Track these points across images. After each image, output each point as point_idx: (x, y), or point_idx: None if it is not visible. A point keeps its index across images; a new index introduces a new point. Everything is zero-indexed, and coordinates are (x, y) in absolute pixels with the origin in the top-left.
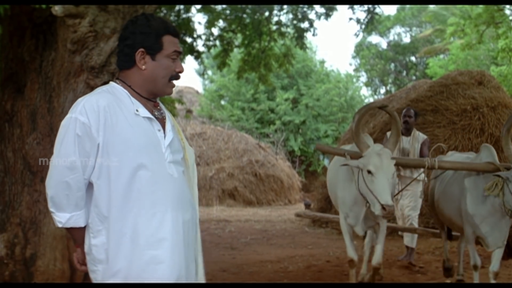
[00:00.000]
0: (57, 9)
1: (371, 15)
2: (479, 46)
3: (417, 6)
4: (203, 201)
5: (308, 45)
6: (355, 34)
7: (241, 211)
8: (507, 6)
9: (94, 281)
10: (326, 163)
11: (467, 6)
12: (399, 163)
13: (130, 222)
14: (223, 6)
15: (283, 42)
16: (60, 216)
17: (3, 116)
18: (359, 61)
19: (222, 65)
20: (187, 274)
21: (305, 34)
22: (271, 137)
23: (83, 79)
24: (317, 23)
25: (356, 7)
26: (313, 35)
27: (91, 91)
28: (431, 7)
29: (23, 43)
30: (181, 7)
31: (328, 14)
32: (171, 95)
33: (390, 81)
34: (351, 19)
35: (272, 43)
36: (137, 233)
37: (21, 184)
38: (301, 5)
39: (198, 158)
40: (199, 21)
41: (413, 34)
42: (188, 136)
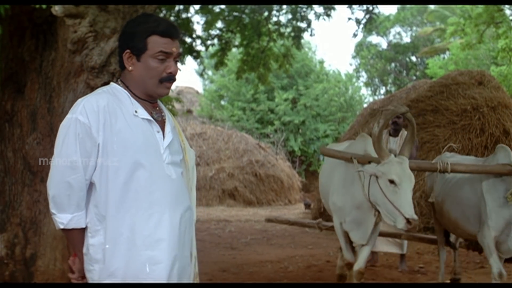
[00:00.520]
0: (57, 9)
1: (369, 15)
2: (479, 46)
3: (417, 6)
4: (203, 201)
5: (307, 45)
6: (353, 34)
7: (241, 211)
8: (507, 6)
9: (90, 280)
10: None
11: (467, 6)
12: (410, 167)
13: (127, 222)
14: (222, 6)
15: (282, 42)
16: (61, 217)
17: (3, 116)
18: (359, 61)
19: (219, 64)
20: (183, 274)
21: (303, 34)
22: (271, 137)
23: (83, 79)
24: (317, 23)
25: (355, 7)
26: (311, 35)
27: (91, 91)
28: (434, 6)
29: (23, 43)
30: (181, 7)
31: (327, 14)
32: (169, 95)
33: (390, 81)
34: (350, 19)
35: (271, 43)
36: (134, 234)
37: (21, 184)
38: (300, 5)
39: (198, 158)
40: (197, 21)
41: (413, 34)
42: (188, 136)
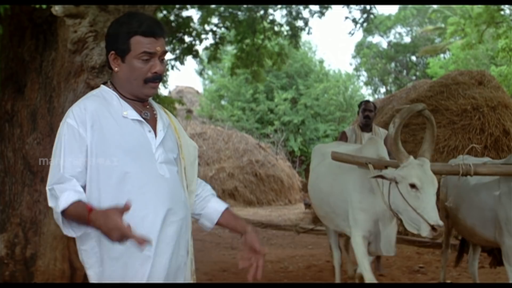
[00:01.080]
0: (57, 9)
1: (367, 14)
2: (479, 46)
3: (418, 6)
4: None
5: (307, 45)
6: (349, 32)
7: (241, 211)
8: (507, 6)
9: (91, 281)
10: None
11: (467, 6)
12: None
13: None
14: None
15: (277, 41)
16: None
17: (3, 116)
18: (359, 60)
19: (212, 59)
20: (179, 273)
21: (300, 33)
22: (271, 137)
23: (84, 79)
24: (317, 23)
25: (352, 6)
26: (308, 34)
27: (91, 91)
28: (437, 6)
29: (23, 43)
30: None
31: (322, 12)
32: (173, 96)
33: (390, 80)
34: (347, 18)
35: (266, 41)
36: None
37: (21, 184)
38: (296, 4)
39: (198, 158)
40: (192, 15)
41: (414, 33)
42: (188, 136)
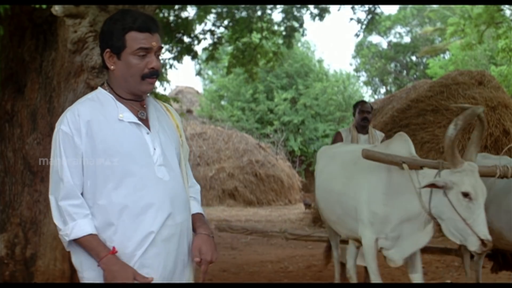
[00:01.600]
0: (57, 9)
1: (371, 15)
2: (479, 46)
3: (418, 6)
4: (203, 201)
5: (306, 45)
6: (355, 34)
7: (241, 211)
8: (506, 6)
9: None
10: None
11: (467, 6)
12: None
13: (119, 230)
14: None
15: (274, 40)
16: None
17: (3, 116)
18: (359, 60)
19: (210, 58)
20: (181, 278)
21: (295, 33)
22: (271, 137)
23: (84, 79)
24: (317, 23)
25: (357, 7)
26: (302, 35)
27: (92, 91)
28: (434, 6)
29: (23, 43)
30: (180, 6)
31: (321, 15)
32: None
33: (390, 81)
34: (351, 19)
35: (263, 41)
36: (126, 240)
37: (21, 184)
38: (295, 6)
39: (198, 158)
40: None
41: (413, 34)
42: (188, 136)
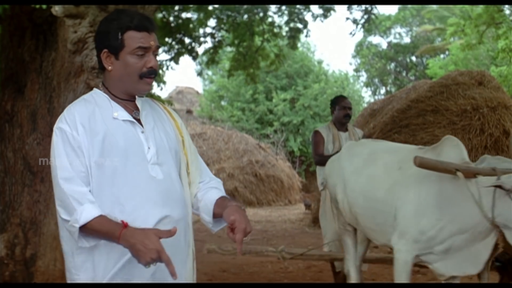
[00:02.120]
0: (57, 10)
1: (368, 15)
2: (479, 46)
3: (418, 6)
4: None
5: (306, 45)
6: (350, 33)
7: None
8: (506, 6)
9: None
10: None
11: (467, 6)
12: None
13: None
14: (215, 5)
15: (276, 42)
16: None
17: (3, 116)
18: (359, 60)
19: (211, 62)
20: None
21: (299, 35)
22: (271, 137)
23: (84, 80)
24: (317, 23)
25: (353, 7)
26: (306, 36)
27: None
28: (433, 6)
29: (23, 43)
30: (181, 7)
31: (325, 15)
32: (173, 97)
33: (390, 81)
34: (347, 18)
35: (265, 43)
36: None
37: (21, 184)
38: (297, 6)
39: None
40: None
41: (413, 34)
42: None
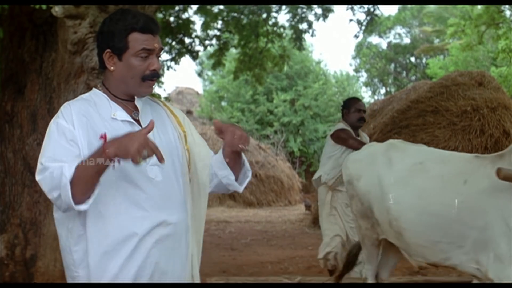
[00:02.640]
0: (57, 10)
1: (371, 16)
2: (479, 47)
3: (418, 6)
4: None
5: (306, 46)
6: (355, 35)
7: (241, 212)
8: (507, 6)
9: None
10: None
11: (467, 6)
12: None
13: (109, 227)
14: (220, 7)
15: (280, 43)
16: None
17: (3, 117)
18: (359, 61)
19: (217, 64)
20: (178, 279)
21: (304, 35)
22: (271, 138)
23: (84, 80)
24: (317, 24)
25: (356, 8)
26: (312, 36)
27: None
28: (431, 8)
29: (23, 44)
30: (181, 7)
31: (325, 15)
32: (172, 97)
33: (390, 81)
34: (351, 20)
35: (269, 44)
36: (114, 240)
37: (21, 185)
38: (300, 6)
39: None
40: (195, 20)
41: (413, 34)
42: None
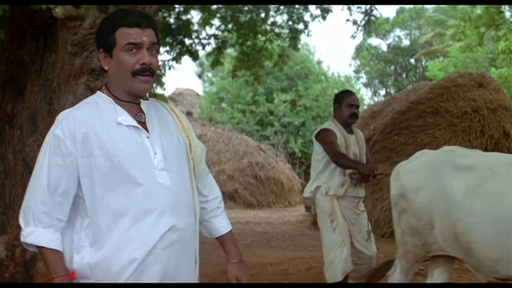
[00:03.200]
0: (58, 11)
1: (368, 16)
2: (479, 48)
3: (417, 7)
4: None
5: (306, 47)
6: (351, 36)
7: (241, 213)
8: (506, 7)
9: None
10: None
11: (467, 7)
12: None
13: (115, 237)
14: (219, 5)
15: (278, 43)
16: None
17: (4, 118)
18: (359, 62)
19: (215, 63)
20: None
21: (300, 35)
22: (271, 139)
23: (84, 81)
24: (317, 25)
25: (353, 8)
26: (307, 36)
27: (92, 93)
28: (430, 11)
29: (23, 45)
30: (181, 8)
31: (323, 16)
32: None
33: (389, 83)
34: (348, 20)
35: (267, 44)
36: (122, 247)
37: (21, 186)
38: (296, 6)
39: None
40: (192, 15)
41: (412, 37)
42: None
